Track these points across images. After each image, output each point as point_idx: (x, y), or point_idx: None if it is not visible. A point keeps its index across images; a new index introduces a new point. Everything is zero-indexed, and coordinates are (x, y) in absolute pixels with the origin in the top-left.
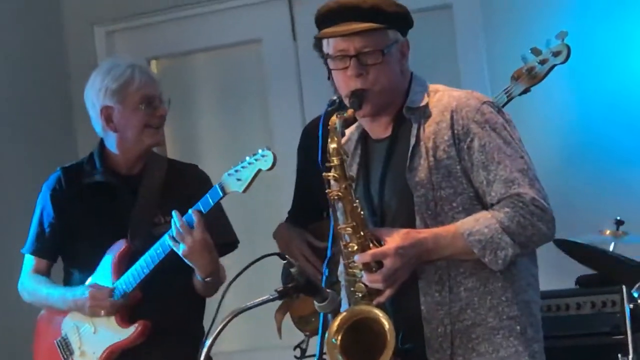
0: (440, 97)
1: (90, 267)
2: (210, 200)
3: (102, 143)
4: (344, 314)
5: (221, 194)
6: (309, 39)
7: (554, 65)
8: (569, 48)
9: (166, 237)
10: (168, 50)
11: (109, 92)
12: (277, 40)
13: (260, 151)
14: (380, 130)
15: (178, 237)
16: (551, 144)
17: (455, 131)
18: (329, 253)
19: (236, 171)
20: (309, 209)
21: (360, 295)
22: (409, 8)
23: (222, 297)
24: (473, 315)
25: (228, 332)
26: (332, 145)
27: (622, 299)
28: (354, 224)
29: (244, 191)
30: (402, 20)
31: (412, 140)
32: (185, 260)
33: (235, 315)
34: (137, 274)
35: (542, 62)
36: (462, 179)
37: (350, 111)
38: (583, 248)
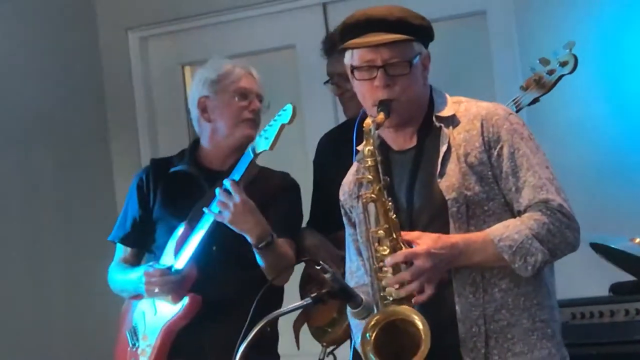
0: (468, 107)
1: (161, 253)
2: (245, 163)
3: (196, 140)
4: (379, 314)
5: (252, 155)
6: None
7: (562, 76)
8: (576, 58)
9: (211, 210)
10: (202, 56)
11: (207, 83)
12: (311, 46)
13: (282, 109)
14: (403, 141)
15: (220, 205)
16: (583, 151)
17: (486, 138)
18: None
19: (264, 131)
20: (326, 221)
21: (390, 299)
22: (444, 14)
23: (255, 303)
24: (508, 315)
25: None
26: (367, 147)
27: None
28: (387, 226)
29: (271, 148)
30: (426, 33)
31: (444, 147)
32: (235, 229)
33: (268, 321)
34: (188, 249)
35: (550, 73)
36: (493, 184)
37: (380, 116)
38: (619, 253)
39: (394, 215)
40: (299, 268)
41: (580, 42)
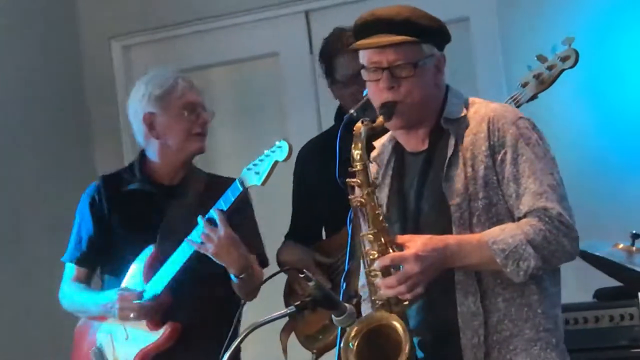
0: (478, 109)
1: (124, 274)
2: (231, 196)
3: (142, 153)
4: (363, 320)
5: (241, 189)
6: None
7: (563, 70)
8: (577, 52)
9: (192, 237)
10: (185, 64)
11: (152, 98)
12: (294, 54)
13: (276, 143)
14: (416, 143)
15: (204, 238)
16: (567, 158)
17: (492, 142)
18: (346, 267)
19: (254, 165)
20: (308, 231)
21: (380, 303)
22: None
23: (239, 312)
24: (511, 326)
25: (243, 347)
26: (356, 151)
27: None
28: (376, 230)
29: (263, 184)
30: (437, 35)
31: (450, 151)
32: (217, 261)
33: (253, 330)
34: (164, 275)
35: (550, 68)
36: (497, 189)
37: (380, 120)
38: (602, 260)
39: (384, 219)
40: (282, 277)
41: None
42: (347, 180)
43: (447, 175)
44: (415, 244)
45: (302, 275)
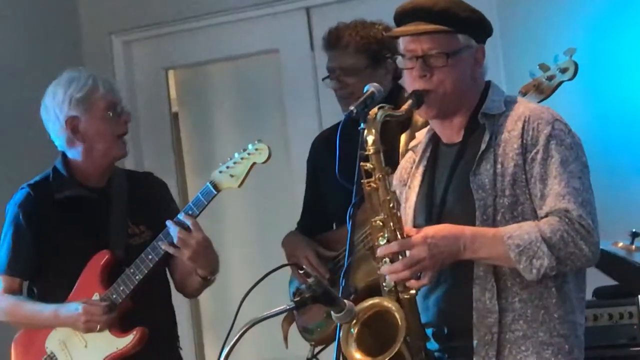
0: (517, 108)
1: (67, 281)
2: (204, 200)
3: (64, 157)
4: (364, 304)
5: (215, 192)
6: None
7: (562, 82)
8: (576, 65)
9: (159, 239)
10: (186, 60)
11: (73, 102)
12: (294, 51)
13: (250, 146)
14: (450, 134)
15: (180, 243)
16: None
17: (525, 140)
18: (346, 263)
19: (227, 167)
20: (318, 220)
21: (387, 289)
22: None
23: (239, 307)
24: (525, 327)
25: (240, 343)
26: (370, 136)
27: (639, 310)
28: (385, 216)
29: (240, 186)
30: (475, 26)
31: (483, 145)
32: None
33: (252, 325)
34: (129, 281)
35: (550, 78)
36: (525, 188)
37: (404, 107)
38: (602, 259)
39: (393, 206)
40: (282, 272)
41: (563, 49)
42: (361, 163)
43: (476, 170)
44: (427, 229)
45: (301, 272)
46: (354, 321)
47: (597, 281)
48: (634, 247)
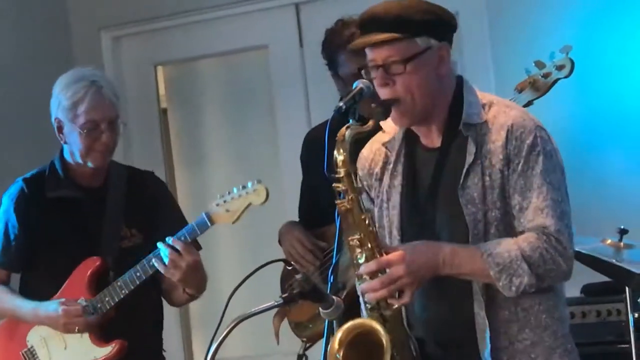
0: (496, 114)
1: (55, 280)
2: (198, 231)
3: (61, 152)
4: (346, 326)
5: (209, 225)
6: (316, 46)
7: (558, 79)
8: (572, 62)
9: (149, 259)
10: (175, 56)
11: (61, 107)
12: (283, 47)
13: (250, 184)
14: (430, 138)
15: (171, 265)
16: None
17: (508, 151)
18: (334, 260)
19: (225, 202)
20: (314, 215)
21: (369, 306)
22: None
23: (227, 303)
24: (531, 334)
25: (230, 338)
26: (340, 158)
27: (627, 307)
28: (362, 235)
29: (234, 222)
30: (433, 26)
31: (469, 158)
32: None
33: (240, 321)
34: (115, 294)
35: (546, 76)
36: (509, 199)
37: (370, 123)
38: (590, 257)
39: (370, 224)
40: (278, 266)
41: (552, 45)
42: (333, 185)
43: (464, 184)
44: (405, 248)
45: (290, 268)
46: (338, 345)
47: (585, 278)
48: (622, 244)
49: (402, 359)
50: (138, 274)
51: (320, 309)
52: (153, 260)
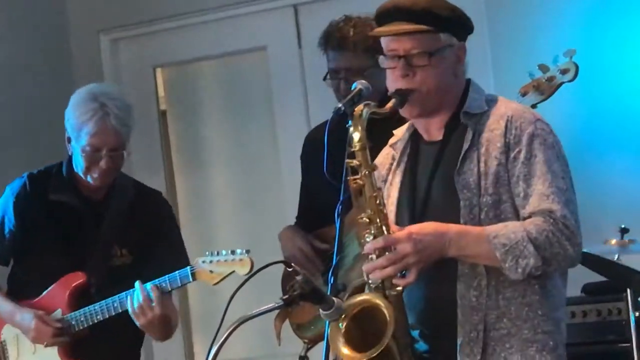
0: (498, 107)
1: (40, 282)
2: (179, 282)
3: (70, 157)
4: (351, 303)
5: (191, 280)
6: (314, 47)
7: (562, 83)
8: (577, 66)
9: (122, 298)
10: (173, 58)
11: (69, 123)
12: (282, 48)
13: (239, 252)
14: (432, 132)
15: (138, 310)
16: None
17: (507, 139)
18: (334, 261)
19: (211, 262)
20: (313, 215)
21: (373, 286)
22: None
23: (227, 305)
24: (509, 324)
25: (231, 340)
26: (356, 133)
27: (628, 306)
28: (372, 213)
29: (214, 285)
30: (456, 24)
31: (466, 145)
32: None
33: (241, 324)
34: (89, 317)
35: (550, 79)
36: (507, 187)
37: (389, 105)
38: (590, 257)
39: (379, 202)
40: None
41: (551, 47)
42: (347, 160)
43: (460, 169)
44: (412, 226)
45: (290, 269)
46: (343, 316)
47: (585, 277)
48: (627, 240)
49: (401, 341)
50: (115, 305)
51: (320, 310)
52: (126, 299)
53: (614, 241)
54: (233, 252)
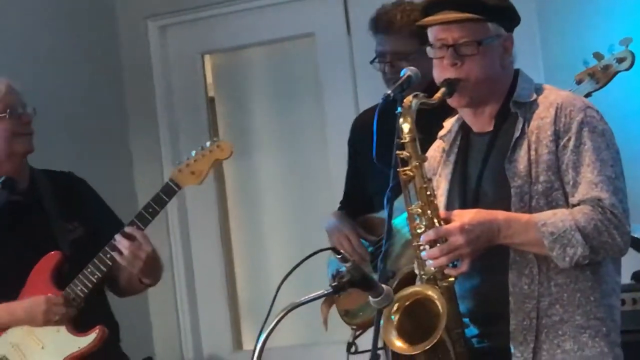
0: (548, 95)
1: (8, 284)
2: (165, 198)
3: None
4: (403, 294)
5: (176, 190)
6: (363, 33)
7: (618, 72)
8: (633, 55)
9: (106, 252)
10: (221, 45)
11: None
12: (330, 34)
13: (208, 143)
14: (482, 123)
15: (130, 256)
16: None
17: (557, 127)
18: (384, 247)
19: (187, 165)
20: (359, 201)
21: (425, 277)
22: None
23: (277, 292)
24: (562, 311)
25: (278, 327)
26: (405, 124)
27: None
28: (423, 204)
29: (200, 183)
30: (504, 15)
31: (517, 133)
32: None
33: (290, 310)
34: (87, 282)
35: (606, 68)
36: (558, 174)
37: (437, 95)
38: None
39: (430, 193)
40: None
41: (601, 36)
42: (397, 152)
43: (511, 157)
44: (461, 217)
45: (339, 257)
46: (395, 308)
47: (636, 265)
48: None
49: (453, 333)
50: (108, 255)
51: (370, 297)
52: (110, 252)
53: None
54: (203, 147)
